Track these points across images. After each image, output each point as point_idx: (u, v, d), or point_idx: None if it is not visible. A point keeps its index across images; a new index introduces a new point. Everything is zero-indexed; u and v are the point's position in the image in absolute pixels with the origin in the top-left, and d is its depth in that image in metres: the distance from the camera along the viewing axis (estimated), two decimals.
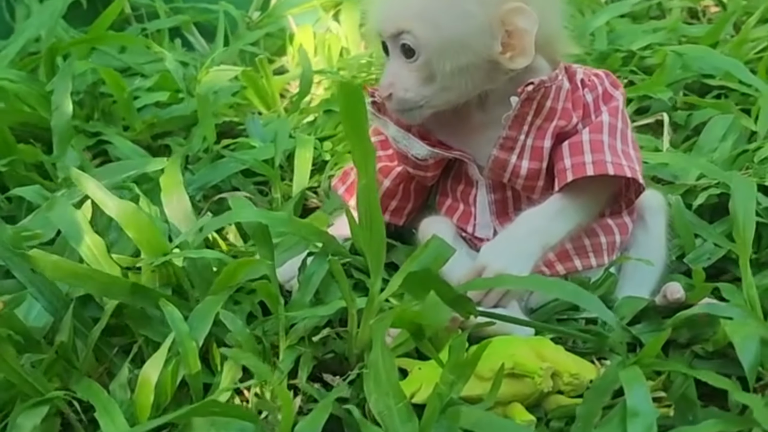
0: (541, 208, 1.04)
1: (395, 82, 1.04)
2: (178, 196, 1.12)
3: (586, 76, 1.09)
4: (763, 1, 1.87)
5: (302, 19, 2.04)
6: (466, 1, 1.01)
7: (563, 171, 1.03)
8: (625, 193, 1.08)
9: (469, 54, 1.01)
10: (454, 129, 1.10)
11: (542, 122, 1.05)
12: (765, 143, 1.33)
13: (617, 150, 1.04)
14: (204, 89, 1.49)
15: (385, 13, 1.05)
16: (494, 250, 1.02)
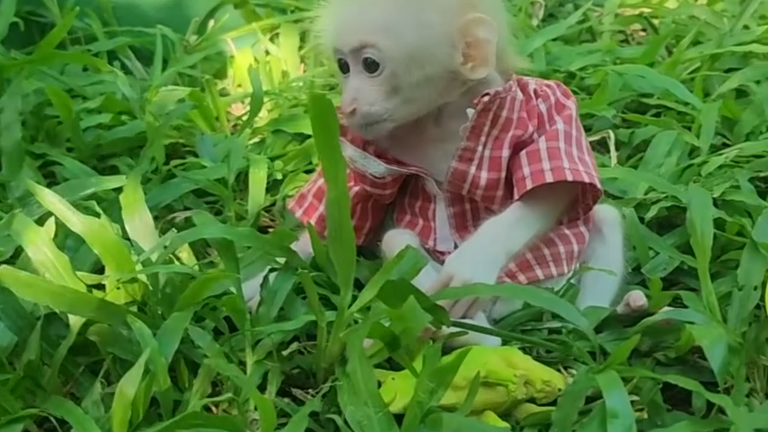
0: (502, 217, 1.06)
1: (358, 98, 1.05)
2: (140, 214, 1.11)
3: (539, 87, 1.11)
4: (692, 24, 1.92)
5: (240, 42, 2.05)
6: (426, 12, 1.02)
7: (522, 179, 1.05)
8: (582, 199, 1.10)
9: (432, 65, 1.03)
10: (410, 145, 1.11)
11: (499, 132, 1.07)
12: (709, 158, 1.37)
13: (574, 156, 1.06)
14: (153, 110, 1.48)
15: (345, 28, 1.06)
16: (460, 260, 1.03)
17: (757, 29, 1.81)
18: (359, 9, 1.05)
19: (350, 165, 1.12)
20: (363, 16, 1.05)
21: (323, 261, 1.10)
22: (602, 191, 1.09)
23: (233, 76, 1.95)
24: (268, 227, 1.38)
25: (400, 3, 1.03)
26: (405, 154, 1.12)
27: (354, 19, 1.05)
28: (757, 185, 1.32)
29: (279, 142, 1.54)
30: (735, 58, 1.76)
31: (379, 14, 1.04)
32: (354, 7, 1.05)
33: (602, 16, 2.15)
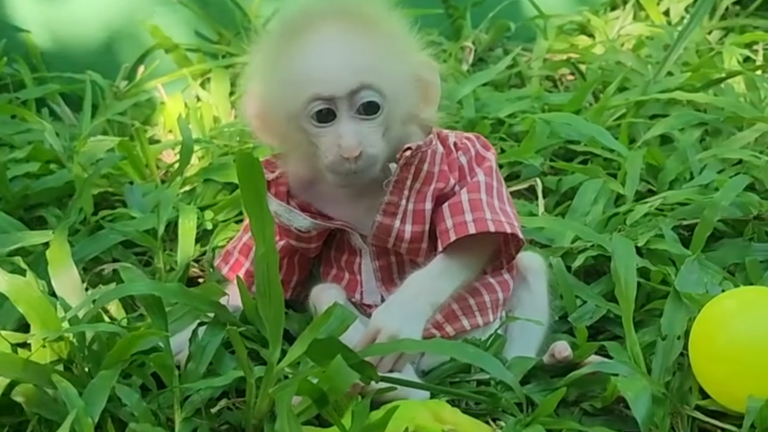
0: (427, 269, 1.07)
1: (362, 140, 1.04)
2: (67, 270, 1.10)
3: (458, 139, 1.13)
4: (618, 71, 1.96)
5: (171, 87, 2.05)
6: (397, 55, 1.06)
7: (446, 231, 1.06)
8: (504, 249, 1.11)
9: (407, 104, 1.07)
10: (334, 200, 1.12)
11: (421, 186, 1.08)
12: (634, 206, 1.39)
13: (495, 208, 1.08)
14: (82, 160, 1.47)
15: (337, 72, 1.04)
16: (386, 313, 1.04)
17: (681, 76, 1.85)
18: (342, 53, 1.04)
19: (275, 219, 1.11)
20: (355, 58, 1.04)
21: (252, 315, 1.10)
22: (524, 241, 1.11)
23: (164, 123, 1.94)
24: (198, 278, 1.37)
25: (377, 47, 1.05)
26: (329, 208, 1.12)
27: (346, 62, 1.04)
28: (681, 233, 1.35)
29: (209, 191, 1.54)
30: (659, 105, 1.79)
31: (366, 57, 1.04)
32: (339, 52, 1.04)
33: (531, 61, 2.18)
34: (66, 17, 2.06)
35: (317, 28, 1.06)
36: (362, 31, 1.05)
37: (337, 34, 1.05)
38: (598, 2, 2.53)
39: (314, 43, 1.05)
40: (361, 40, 1.05)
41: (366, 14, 1.07)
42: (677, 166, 1.54)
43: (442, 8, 2.34)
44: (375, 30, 1.06)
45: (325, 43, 1.05)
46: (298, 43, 1.05)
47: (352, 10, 1.07)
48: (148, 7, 2.11)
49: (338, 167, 1.04)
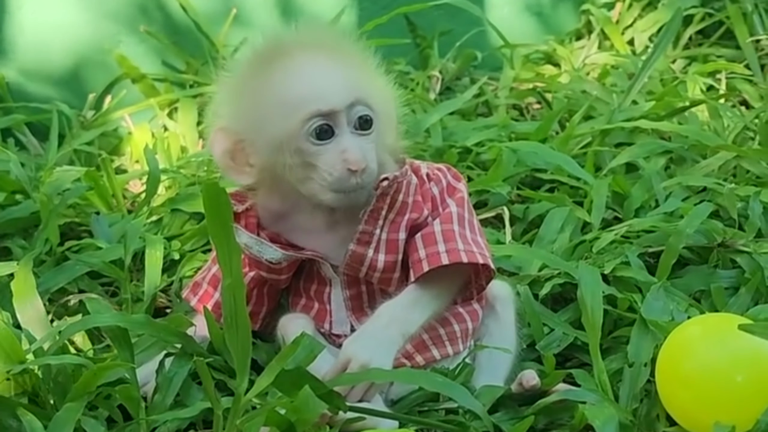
0: (398, 299, 1.07)
1: (366, 154, 1.05)
2: (32, 301, 1.09)
3: (430, 170, 1.14)
4: (584, 100, 1.98)
5: (138, 117, 2.04)
6: (377, 80, 1.09)
7: (419, 261, 1.07)
8: (475, 279, 1.12)
9: (389, 125, 1.09)
10: (305, 229, 1.12)
11: (395, 216, 1.08)
12: (601, 234, 1.40)
13: (468, 238, 1.08)
14: (48, 190, 1.46)
15: (329, 89, 1.05)
16: (357, 344, 1.04)
17: (645, 105, 1.87)
18: (337, 71, 1.07)
19: (245, 251, 1.11)
20: (346, 75, 1.06)
21: (220, 345, 1.10)
22: (495, 272, 1.11)
23: (131, 153, 1.94)
24: (165, 308, 1.37)
25: (363, 69, 1.09)
26: (299, 238, 1.12)
27: (339, 78, 1.06)
28: (647, 260, 1.36)
29: (177, 221, 1.53)
30: (624, 133, 1.80)
31: (356, 76, 1.07)
32: (329, 70, 1.07)
33: (498, 90, 2.20)
34: (32, 46, 2.05)
35: (295, 54, 1.07)
36: (339, 57, 1.08)
37: (319, 58, 1.07)
38: (563, 32, 2.55)
39: (301, 66, 1.06)
40: (343, 63, 1.07)
41: (336, 44, 1.09)
42: (642, 193, 1.55)
43: (409, 38, 2.35)
44: (350, 57, 1.09)
45: (313, 64, 1.06)
46: (281, 68, 1.07)
47: (323, 40, 1.09)
48: (115, 37, 2.10)
49: (343, 183, 1.04)
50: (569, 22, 2.57)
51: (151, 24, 2.12)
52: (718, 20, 2.45)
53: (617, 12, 2.55)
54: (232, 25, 2.16)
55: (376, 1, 2.32)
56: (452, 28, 2.34)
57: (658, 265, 1.32)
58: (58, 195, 1.48)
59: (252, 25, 2.19)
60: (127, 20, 2.10)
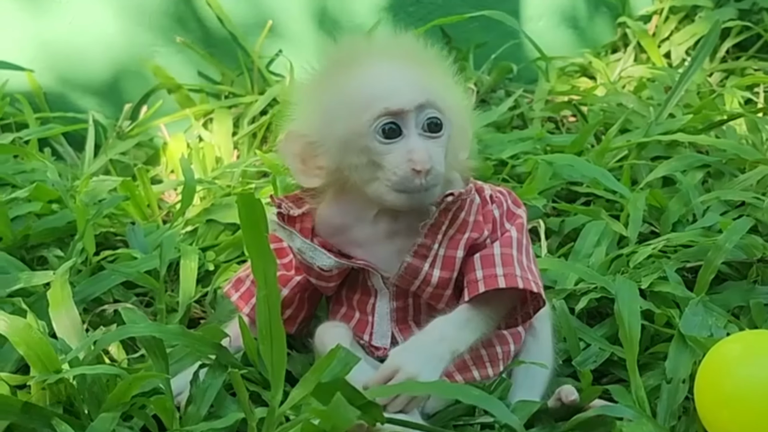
0: (451, 317, 1.06)
1: (432, 157, 1.03)
2: (67, 311, 1.10)
3: (493, 192, 1.13)
4: (620, 113, 1.96)
5: (173, 128, 2.05)
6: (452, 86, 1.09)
7: (475, 282, 1.06)
8: (521, 307, 1.11)
9: (461, 137, 1.08)
10: (359, 239, 1.11)
11: (455, 233, 1.07)
12: (638, 248, 1.39)
13: (524, 265, 1.08)
14: (84, 200, 1.47)
15: (403, 88, 1.04)
16: (407, 354, 1.02)
17: (683, 118, 1.85)
18: (406, 74, 1.05)
19: (298, 256, 1.11)
20: (419, 77, 1.05)
21: (254, 356, 1.10)
22: (545, 302, 1.10)
23: (166, 163, 1.95)
24: (199, 319, 1.37)
25: (437, 74, 1.08)
26: (351, 247, 1.11)
27: (412, 79, 1.05)
28: (684, 276, 1.34)
29: (211, 231, 1.54)
30: (661, 147, 1.79)
31: (429, 79, 1.06)
32: (403, 71, 1.06)
33: (533, 103, 2.19)
34: (69, 57, 2.07)
35: (369, 57, 1.07)
36: (414, 62, 1.07)
37: (393, 61, 1.06)
38: (599, 44, 2.55)
39: (374, 67, 1.06)
40: (417, 67, 1.06)
41: (412, 50, 1.09)
42: (680, 207, 1.54)
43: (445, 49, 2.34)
44: (425, 64, 1.08)
45: (386, 66, 1.06)
46: (354, 70, 1.07)
47: (398, 46, 1.09)
48: (152, 47, 2.12)
49: (408, 184, 1.03)
50: (605, 35, 2.57)
51: (187, 35, 2.13)
52: (756, 33, 2.43)
53: (654, 25, 2.54)
54: (268, 37, 2.18)
55: (412, 13, 2.33)
56: (487, 41, 2.35)
57: (696, 280, 1.31)
58: (94, 204, 1.49)
59: (287, 37, 2.20)
60: (164, 31, 2.11)
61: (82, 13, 2.05)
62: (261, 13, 2.19)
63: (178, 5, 2.12)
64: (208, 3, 2.12)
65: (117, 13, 2.07)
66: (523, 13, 2.45)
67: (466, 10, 2.30)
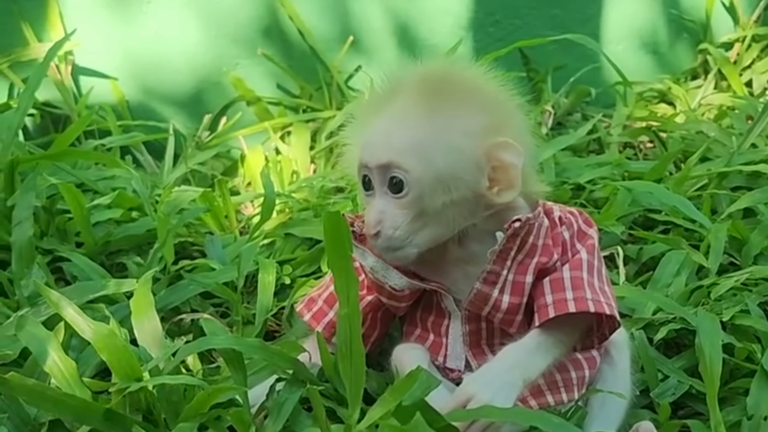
0: (522, 343, 1.05)
1: (383, 220, 1.04)
2: (149, 320, 1.11)
3: (563, 213, 1.11)
4: (701, 141, 1.94)
5: (251, 140, 2.07)
6: (455, 136, 1.02)
7: (544, 307, 1.05)
8: (597, 329, 1.09)
9: (458, 189, 1.03)
10: (431, 263, 1.10)
11: (524, 258, 1.06)
12: (719, 280, 1.37)
13: (595, 287, 1.06)
14: (166, 209, 1.49)
15: (374, 144, 1.05)
16: (479, 383, 1.01)
17: (765, 149, 1.83)
18: (387, 128, 1.04)
19: (370, 275, 1.11)
20: (391, 135, 1.04)
21: (331, 373, 1.10)
22: (620, 323, 1.08)
23: (243, 175, 1.97)
24: (275, 332, 1.38)
25: (430, 126, 1.03)
26: (425, 270, 1.11)
27: (383, 136, 1.04)
28: (766, 309, 1.32)
29: (288, 245, 1.55)
30: (742, 177, 1.77)
31: (408, 135, 1.03)
32: (383, 126, 1.05)
33: (611, 128, 2.17)
34: (152, 66, 2.10)
35: (394, 98, 1.06)
36: (431, 106, 1.04)
37: (404, 108, 1.04)
38: (679, 71, 2.52)
39: (383, 111, 1.06)
40: (420, 117, 1.03)
41: (452, 86, 1.05)
42: (762, 240, 1.51)
43: (523, 71, 2.34)
44: (450, 105, 1.04)
45: (389, 114, 1.05)
46: (374, 110, 1.07)
47: (439, 80, 1.06)
48: (233, 59, 2.15)
49: (369, 240, 1.06)
50: (685, 61, 2.54)
51: (268, 47, 2.15)
52: None
53: (735, 52, 2.51)
54: (348, 52, 2.18)
55: (491, 33, 2.33)
56: (566, 63, 2.33)
57: None
58: (176, 214, 1.51)
59: (368, 53, 2.21)
60: (246, 43, 2.14)
61: (167, 24, 2.09)
62: (342, 29, 2.20)
63: (261, 18, 2.14)
64: (290, 17, 2.14)
65: (201, 24, 2.10)
66: (604, 37, 2.44)
67: (546, 31, 2.30)
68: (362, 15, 2.21)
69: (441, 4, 2.27)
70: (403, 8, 2.24)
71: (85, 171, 1.72)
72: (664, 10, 2.49)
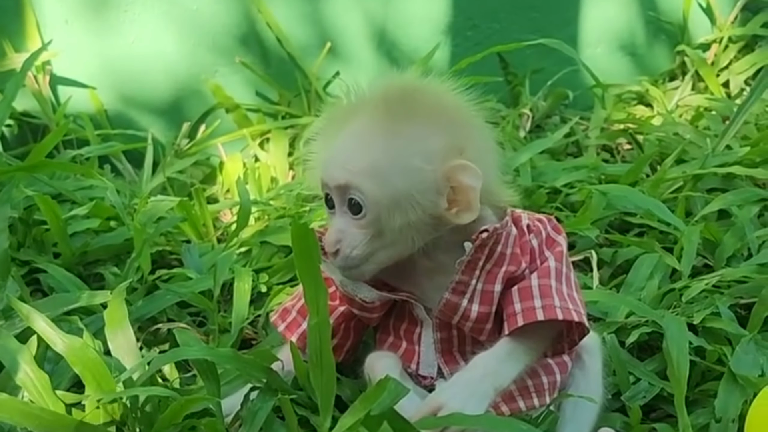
0: (492, 352, 1.06)
1: (342, 239, 1.05)
2: (123, 331, 1.11)
3: (531, 221, 1.12)
4: (676, 144, 1.96)
5: (230, 147, 2.08)
6: (413, 158, 1.03)
7: (513, 315, 1.06)
8: (568, 334, 1.11)
9: (417, 211, 1.03)
10: (401, 274, 1.11)
11: (492, 267, 1.07)
12: (691, 282, 1.38)
13: (564, 294, 1.07)
14: (142, 219, 1.49)
15: (333, 165, 1.05)
16: (451, 391, 1.03)
17: (740, 150, 1.84)
18: (347, 149, 1.05)
19: (340, 288, 1.12)
20: (350, 156, 1.05)
21: (305, 381, 1.10)
22: (589, 329, 1.10)
23: (222, 182, 1.97)
24: (251, 340, 1.38)
25: (389, 147, 1.03)
26: (395, 279, 1.12)
27: (342, 157, 1.05)
28: (737, 311, 1.33)
29: (265, 253, 1.55)
30: (717, 179, 1.78)
31: (367, 157, 1.04)
32: (343, 146, 1.05)
33: (588, 131, 2.18)
34: (130, 75, 2.10)
35: (357, 115, 1.06)
36: (391, 126, 1.04)
37: (364, 127, 1.05)
38: (657, 72, 2.53)
39: (344, 131, 1.06)
40: (380, 138, 1.04)
41: (414, 105, 1.05)
42: (735, 242, 1.53)
43: (501, 75, 2.35)
44: (410, 126, 1.04)
45: (349, 132, 1.06)
46: (337, 126, 1.08)
47: (401, 98, 1.06)
48: (211, 67, 2.15)
49: (329, 258, 1.07)
50: (663, 63, 2.56)
51: (246, 55, 2.15)
52: None
53: (712, 53, 2.53)
54: (326, 58, 2.19)
55: (470, 37, 2.33)
56: (544, 67, 2.34)
57: (749, 316, 1.30)
58: (153, 223, 1.51)
59: (345, 59, 2.22)
60: (224, 51, 2.14)
61: (145, 32, 2.09)
62: (320, 35, 2.21)
63: (238, 26, 2.15)
64: (268, 24, 2.15)
65: (179, 32, 2.10)
66: (581, 40, 2.45)
67: (524, 35, 2.31)
68: (339, 21, 2.21)
69: (419, 9, 2.28)
70: (381, 13, 2.25)
71: (63, 181, 1.73)
72: (642, 12, 2.51)
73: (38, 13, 2.02)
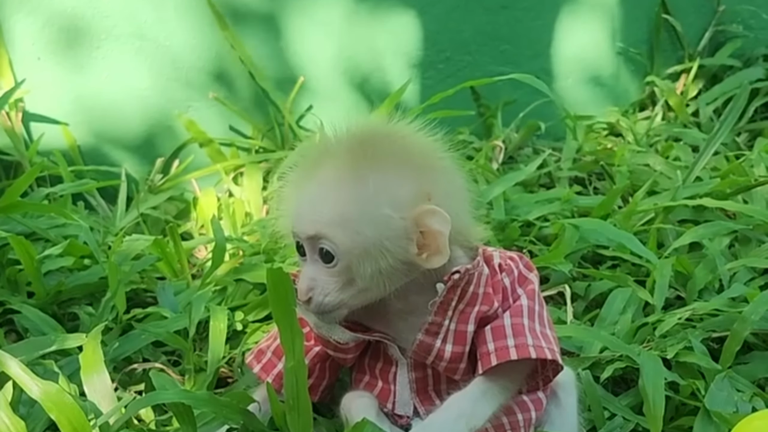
0: (466, 392, 1.06)
1: (314, 287, 1.06)
2: (99, 374, 1.12)
3: (503, 260, 1.13)
4: (647, 175, 1.97)
5: (204, 182, 2.08)
6: (381, 206, 1.03)
7: (487, 355, 1.06)
8: (542, 371, 1.11)
9: (387, 257, 1.04)
10: (374, 315, 1.12)
11: (465, 307, 1.08)
12: (664, 316, 1.39)
13: (537, 332, 1.08)
14: (117, 259, 1.49)
15: (303, 215, 1.06)
16: None
17: (710, 182, 1.86)
18: (316, 199, 1.05)
19: (314, 330, 1.12)
20: (320, 206, 1.05)
21: (281, 423, 1.10)
22: (563, 366, 1.10)
23: (197, 218, 1.97)
24: (227, 378, 1.38)
25: (358, 197, 1.04)
26: (369, 319, 1.13)
27: (311, 208, 1.06)
28: (710, 345, 1.34)
29: (240, 290, 1.55)
30: (688, 210, 1.79)
31: (335, 207, 1.04)
32: (311, 196, 1.06)
33: (561, 162, 2.20)
34: (104, 111, 2.10)
35: (325, 162, 1.07)
36: (359, 174, 1.04)
37: (332, 176, 1.05)
38: (627, 102, 2.56)
39: (312, 179, 1.06)
40: (348, 187, 1.04)
41: (381, 152, 1.06)
42: (706, 274, 1.54)
43: (474, 108, 2.37)
44: (378, 174, 1.04)
45: (318, 182, 1.06)
46: (305, 174, 1.08)
47: (368, 145, 1.06)
48: (184, 102, 2.15)
49: (302, 305, 1.07)
50: (633, 93, 2.58)
51: (219, 90, 2.16)
52: None
53: (681, 84, 2.55)
54: (299, 93, 2.20)
55: (442, 70, 2.35)
56: (516, 98, 2.36)
57: (721, 349, 1.31)
58: (127, 262, 1.51)
59: (318, 93, 2.23)
60: (197, 86, 2.15)
61: (117, 68, 2.09)
62: (293, 69, 2.21)
63: (211, 61, 2.15)
64: (240, 59, 2.15)
65: (151, 68, 2.11)
66: (553, 71, 2.47)
67: (496, 67, 2.33)
68: (312, 55, 2.22)
69: (391, 42, 2.29)
70: (353, 47, 2.26)
71: (36, 219, 1.72)
72: (611, 43, 2.53)
73: (11, 50, 2.02)
